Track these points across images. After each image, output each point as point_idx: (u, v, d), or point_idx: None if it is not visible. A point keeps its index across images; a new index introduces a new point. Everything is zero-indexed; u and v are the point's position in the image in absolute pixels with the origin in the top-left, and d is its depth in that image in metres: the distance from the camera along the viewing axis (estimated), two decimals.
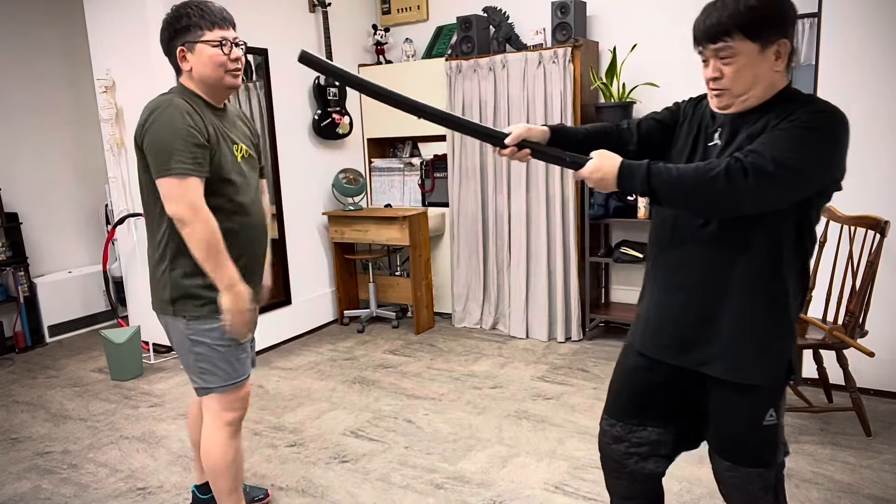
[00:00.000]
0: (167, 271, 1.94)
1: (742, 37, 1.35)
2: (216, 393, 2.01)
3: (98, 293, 4.99)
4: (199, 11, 1.85)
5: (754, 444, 1.55)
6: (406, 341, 4.39)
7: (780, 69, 1.41)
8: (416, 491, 2.54)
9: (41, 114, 4.81)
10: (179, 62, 1.90)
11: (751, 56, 1.37)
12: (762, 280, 1.47)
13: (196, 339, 1.96)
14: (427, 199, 4.83)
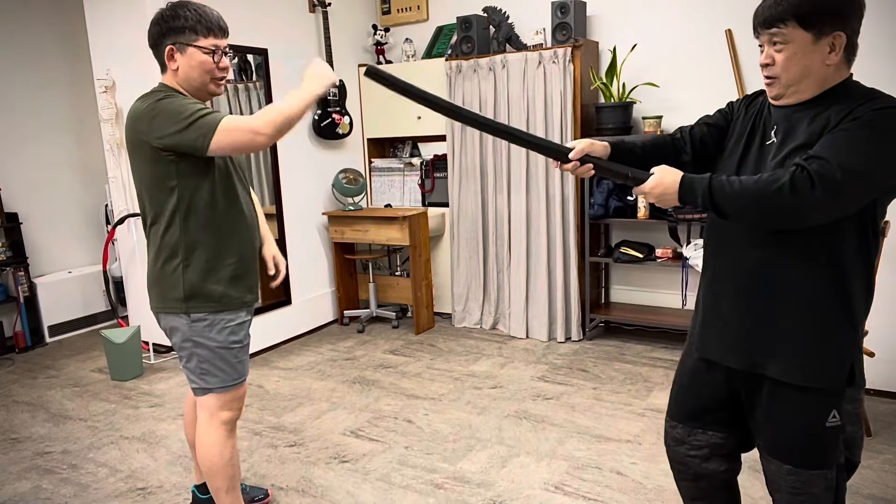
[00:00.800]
0: (180, 268, 1.91)
1: (796, 24, 1.34)
2: (214, 393, 2.01)
3: (98, 293, 4.99)
4: (197, 16, 1.86)
5: (817, 446, 1.51)
6: (406, 341, 4.39)
7: (833, 62, 1.37)
8: (416, 491, 2.54)
9: (41, 114, 4.81)
10: (166, 59, 1.91)
11: (803, 45, 1.35)
12: (822, 281, 1.43)
13: (198, 341, 1.95)
14: (427, 199, 4.83)
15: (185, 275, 1.91)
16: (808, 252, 1.43)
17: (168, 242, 1.91)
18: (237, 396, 2.06)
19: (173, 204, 1.87)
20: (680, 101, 4.01)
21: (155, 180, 1.87)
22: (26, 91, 4.72)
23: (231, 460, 2.07)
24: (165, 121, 1.78)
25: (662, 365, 3.73)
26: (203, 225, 1.90)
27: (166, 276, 1.93)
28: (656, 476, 2.56)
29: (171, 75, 1.92)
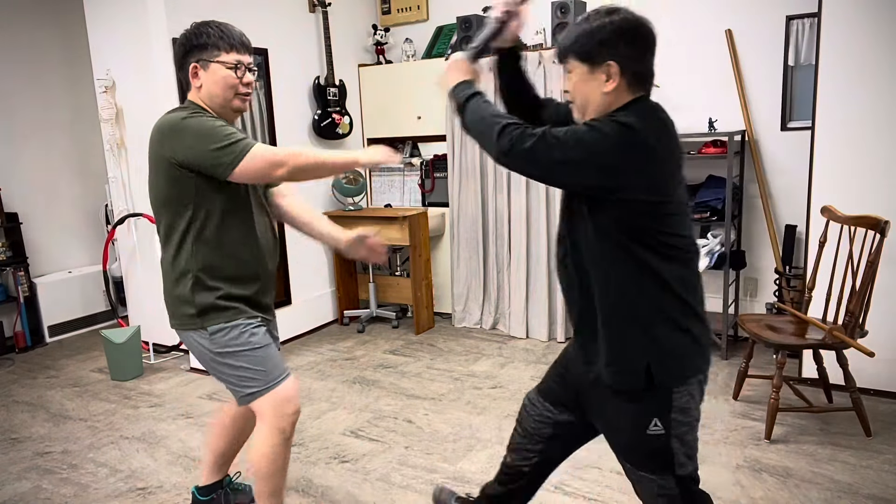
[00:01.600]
0: (189, 288, 1.91)
1: (574, 57, 1.51)
2: (263, 396, 1.96)
3: (98, 293, 4.99)
4: (220, 32, 1.88)
5: (641, 451, 1.56)
6: (406, 341, 4.39)
7: (609, 89, 1.48)
8: (416, 491, 2.54)
9: (41, 114, 4.81)
10: (191, 77, 1.90)
11: (582, 75, 1.51)
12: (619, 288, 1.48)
13: (223, 352, 1.93)
14: (427, 199, 4.83)
15: (196, 295, 1.90)
16: (607, 261, 1.48)
17: (179, 261, 1.91)
18: (287, 397, 1.99)
19: (186, 222, 1.87)
20: (680, 101, 4.01)
21: (171, 198, 1.87)
22: (26, 91, 4.72)
23: (283, 468, 2.03)
24: (194, 138, 1.78)
25: None
26: (215, 246, 1.90)
27: (178, 294, 1.93)
28: None
29: (195, 93, 1.92)
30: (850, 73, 3.02)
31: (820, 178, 3.16)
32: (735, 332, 4.06)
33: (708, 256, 3.73)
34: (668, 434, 1.52)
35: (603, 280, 1.49)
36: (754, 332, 2.87)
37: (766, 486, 2.46)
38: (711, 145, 3.75)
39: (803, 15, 3.65)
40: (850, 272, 2.77)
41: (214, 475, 2.35)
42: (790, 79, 3.77)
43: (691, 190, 3.92)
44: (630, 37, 1.49)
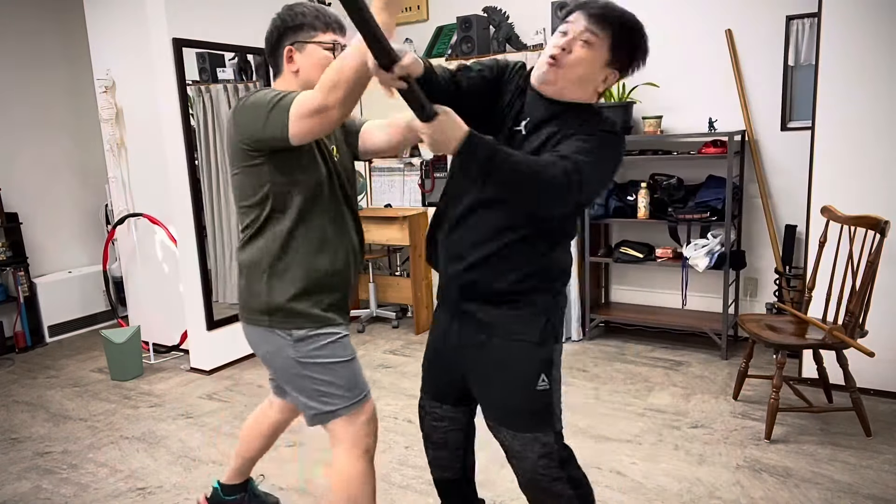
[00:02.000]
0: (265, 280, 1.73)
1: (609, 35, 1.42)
2: (343, 417, 1.77)
3: (98, 293, 4.99)
4: (315, 11, 1.74)
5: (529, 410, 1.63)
6: (406, 341, 4.39)
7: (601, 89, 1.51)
8: (416, 491, 2.54)
9: (41, 114, 4.81)
10: (286, 62, 1.74)
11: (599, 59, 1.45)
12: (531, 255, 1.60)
13: (306, 361, 1.74)
14: (427, 199, 4.83)
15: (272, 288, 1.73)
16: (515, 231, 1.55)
17: (256, 254, 1.74)
18: (369, 417, 1.83)
19: (264, 211, 1.71)
20: (680, 101, 4.01)
21: (246, 186, 1.72)
22: (26, 91, 4.72)
23: (373, 491, 1.84)
24: (250, 113, 1.62)
25: (662, 365, 3.73)
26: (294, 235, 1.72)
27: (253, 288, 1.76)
28: (656, 476, 2.56)
29: (289, 78, 1.75)
30: (849, 73, 3.02)
31: (820, 178, 3.16)
32: (735, 332, 4.07)
33: (708, 256, 3.73)
34: (551, 389, 1.62)
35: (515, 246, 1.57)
36: (754, 332, 2.87)
37: (766, 486, 2.46)
38: (711, 145, 3.75)
39: (803, 15, 3.65)
40: (850, 272, 2.77)
41: (240, 477, 2.31)
42: (790, 79, 3.77)
43: (691, 190, 3.93)
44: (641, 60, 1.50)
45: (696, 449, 2.75)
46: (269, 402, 2.21)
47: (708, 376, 3.53)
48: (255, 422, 2.24)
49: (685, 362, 3.75)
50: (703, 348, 3.95)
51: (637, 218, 3.97)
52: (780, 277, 3.77)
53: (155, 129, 3.89)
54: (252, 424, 2.24)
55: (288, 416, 2.21)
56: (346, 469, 1.79)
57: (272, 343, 1.76)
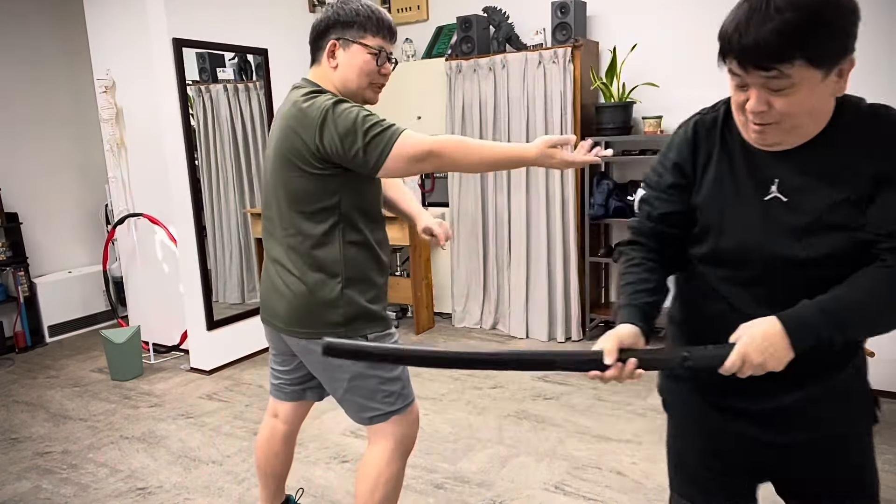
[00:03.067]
0: (339, 289, 1.71)
1: (804, 63, 0.99)
2: (397, 415, 1.80)
3: (98, 293, 4.99)
4: (369, 12, 1.70)
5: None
6: (406, 341, 4.39)
7: (842, 91, 1.07)
8: (416, 491, 2.54)
9: (41, 114, 4.81)
10: (327, 55, 1.71)
11: (811, 85, 1.02)
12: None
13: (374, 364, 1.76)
14: (427, 199, 4.83)
15: (346, 296, 1.71)
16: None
17: (324, 262, 1.70)
18: (415, 418, 1.87)
19: (333, 219, 1.68)
20: (680, 101, 4.01)
21: (312, 192, 1.66)
22: (26, 91, 4.72)
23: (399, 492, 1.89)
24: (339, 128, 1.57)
25: None
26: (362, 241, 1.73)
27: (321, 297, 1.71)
28: (656, 476, 2.56)
29: (326, 73, 1.72)
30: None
31: None
32: None
33: None
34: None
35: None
36: None
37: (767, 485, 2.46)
38: None
39: None
40: None
41: (276, 499, 2.17)
42: None
43: None
44: (857, 15, 1.02)
45: None
46: (273, 415, 2.08)
47: None
48: (266, 443, 2.10)
49: None
50: None
51: None
52: None
53: (155, 129, 3.89)
54: (265, 447, 2.10)
55: (295, 426, 2.10)
56: (384, 467, 1.81)
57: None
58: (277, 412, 2.06)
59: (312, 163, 1.63)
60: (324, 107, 1.59)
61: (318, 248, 1.70)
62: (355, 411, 1.82)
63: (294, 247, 1.72)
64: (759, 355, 1.06)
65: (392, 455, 1.81)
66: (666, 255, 1.31)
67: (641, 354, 1.17)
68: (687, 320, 1.37)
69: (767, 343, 1.06)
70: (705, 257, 1.25)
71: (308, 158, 1.62)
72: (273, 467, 2.11)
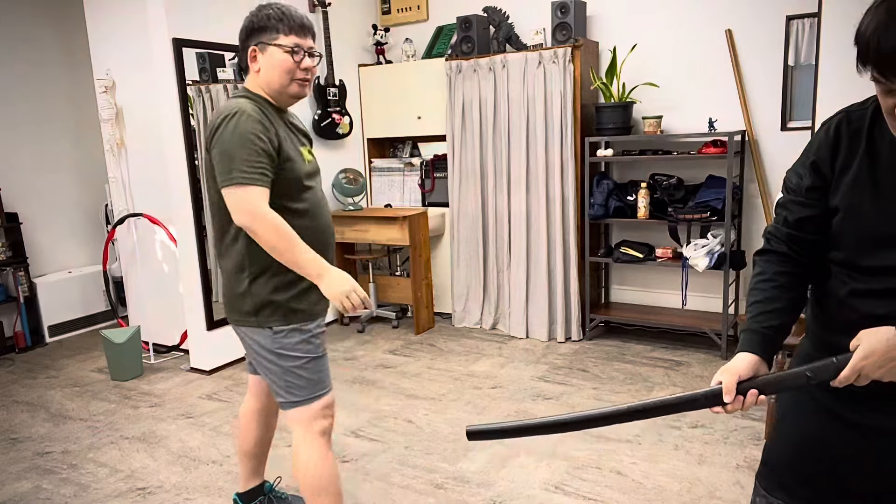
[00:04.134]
0: (248, 282, 1.87)
1: None
2: (302, 406, 1.92)
3: (98, 293, 4.99)
4: (279, 14, 1.81)
5: None
6: (406, 341, 4.39)
7: None
8: (416, 491, 2.54)
9: (41, 114, 4.81)
10: (249, 61, 1.86)
11: None
12: None
13: (283, 353, 1.89)
14: (427, 199, 4.83)
15: (252, 287, 1.86)
16: None
17: (234, 255, 1.88)
18: (328, 404, 1.97)
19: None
20: (680, 101, 4.01)
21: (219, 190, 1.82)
22: (26, 91, 4.72)
23: (336, 474, 1.97)
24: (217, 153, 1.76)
25: (662, 365, 3.73)
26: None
27: (237, 288, 1.89)
28: (656, 476, 2.56)
29: (253, 78, 1.88)
30: (850, 73, 3.01)
31: None
32: (735, 332, 4.07)
33: (708, 256, 3.73)
34: None
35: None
36: None
37: None
38: (711, 145, 3.75)
39: (803, 15, 3.65)
40: None
41: (252, 479, 2.31)
42: (790, 79, 3.77)
43: (691, 190, 3.93)
44: None
45: (696, 449, 2.76)
46: (249, 391, 2.27)
47: (708, 376, 3.53)
48: (241, 416, 2.29)
49: (685, 362, 3.75)
50: (703, 348, 3.95)
51: (637, 218, 3.97)
52: None
53: (155, 129, 3.89)
54: (240, 420, 2.29)
55: (266, 402, 2.24)
56: (304, 454, 1.94)
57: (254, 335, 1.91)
58: (251, 387, 2.25)
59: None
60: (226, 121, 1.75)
61: (232, 243, 1.88)
62: (276, 395, 1.96)
63: (219, 242, 1.92)
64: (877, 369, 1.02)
65: (307, 441, 1.93)
66: (802, 262, 1.25)
67: (761, 382, 1.15)
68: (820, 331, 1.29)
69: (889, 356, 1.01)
70: (842, 263, 1.19)
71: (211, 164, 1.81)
72: (246, 442, 2.27)
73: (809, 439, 1.29)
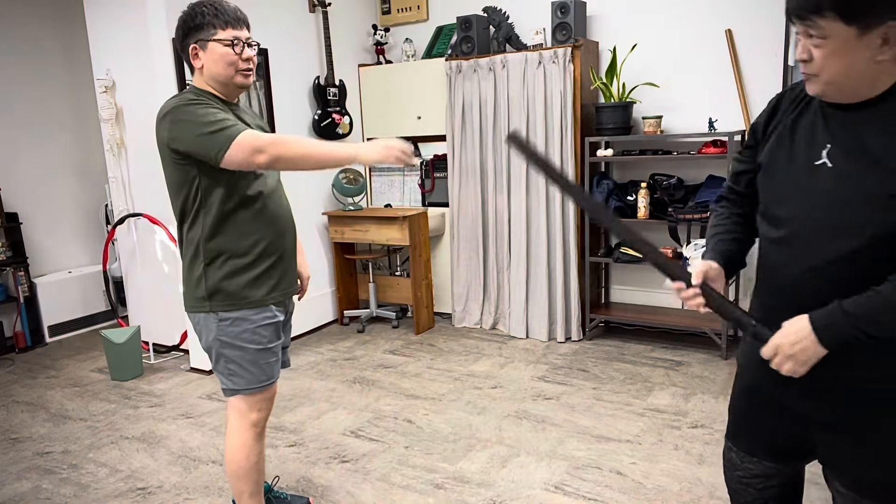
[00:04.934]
0: (202, 267, 1.91)
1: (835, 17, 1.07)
2: (242, 395, 1.99)
3: (98, 293, 4.99)
4: (213, 10, 1.85)
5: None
6: (406, 341, 4.39)
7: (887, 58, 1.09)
8: (416, 491, 2.54)
9: (41, 114, 4.81)
10: (192, 60, 1.89)
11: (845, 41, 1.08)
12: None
13: (226, 341, 1.94)
14: (427, 199, 4.83)
15: (207, 273, 1.90)
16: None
17: (191, 241, 1.92)
18: (266, 398, 2.04)
19: (193, 202, 1.87)
20: (680, 101, 4.01)
21: (177, 181, 1.88)
22: (26, 91, 4.72)
23: (257, 464, 2.05)
24: (186, 127, 1.78)
25: (662, 365, 3.73)
26: (222, 223, 1.89)
27: (191, 274, 1.94)
28: (656, 476, 2.56)
29: (198, 76, 1.92)
30: None
31: None
32: (735, 332, 4.07)
33: None
34: None
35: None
36: None
37: None
38: (711, 145, 3.75)
39: None
40: None
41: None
42: (790, 79, 3.77)
43: (691, 190, 3.93)
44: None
45: (696, 449, 2.76)
46: None
47: (708, 376, 3.53)
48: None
49: (685, 362, 3.75)
50: (703, 348, 3.95)
51: (637, 218, 3.97)
52: None
53: None
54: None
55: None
56: (234, 439, 2.02)
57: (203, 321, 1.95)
58: None
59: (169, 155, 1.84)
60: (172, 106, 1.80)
61: (189, 230, 1.91)
62: (220, 381, 2.01)
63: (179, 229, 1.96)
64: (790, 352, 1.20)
65: (240, 429, 2.01)
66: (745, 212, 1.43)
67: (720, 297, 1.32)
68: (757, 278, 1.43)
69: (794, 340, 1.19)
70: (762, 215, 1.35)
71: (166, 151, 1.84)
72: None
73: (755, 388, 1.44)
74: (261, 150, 1.73)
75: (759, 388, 1.43)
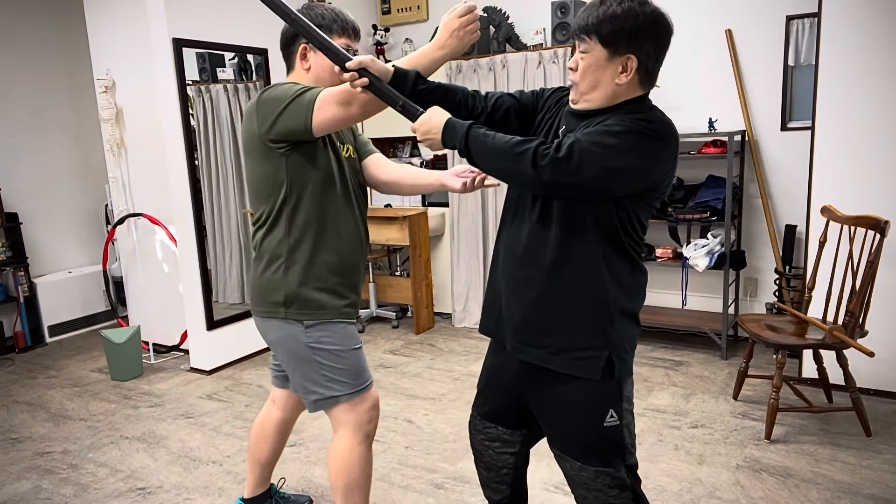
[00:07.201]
0: (281, 271, 1.81)
1: (597, 40, 1.42)
2: (345, 403, 1.86)
3: (98, 293, 4.99)
4: (334, 15, 1.81)
5: (597, 444, 1.56)
6: (406, 341, 4.39)
7: (622, 82, 1.43)
8: (416, 491, 2.54)
9: (41, 114, 4.81)
10: (299, 59, 1.83)
11: (599, 59, 1.43)
12: (585, 268, 1.49)
13: (316, 347, 1.82)
14: (427, 199, 4.83)
15: (287, 278, 1.80)
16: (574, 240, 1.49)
17: (271, 244, 1.82)
18: (372, 404, 1.92)
19: (280, 202, 1.78)
20: (680, 101, 4.01)
21: (264, 177, 1.79)
22: (26, 91, 4.72)
23: (370, 476, 1.95)
24: (271, 105, 1.70)
25: (662, 365, 3.72)
26: (308, 226, 1.80)
27: (268, 278, 1.83)
28: (656, 476, 2.56)
29: (301, 75, 1.85)
30: (850, 73, 3.02)
31: (820, 178, 3.16)
32: (735, 332, 4.07)
33: (708, 256, 3.73)
34: (621, 424, 1.56)
35: (573, 271, 1.50)
36: (754, 332, 2.87)
37: (766, 486, 2.46)
38: (711, 145, 3.75)
39: (803, 15, 3.65)
40: (850, 272, 2.77)
41: (261, 486, 2.28)
42: (790, 79, 3.77)
43: (691, 190, 3.93)
44: (655, 34, 1.42)
45: (696, 449, 2.76)
46: (272, 401, 2.22)
47: (708, 376, 3.53)
48: (259, 425, 2.24)
49: (685, 362, 3.75)
50: (703, 348, 3.95)
51: None
52: (780, 277, 3.77)
53: (155, 129, 3.89)
54: (258, 428, 2.24)
55: (291, 414, 2.21)
56: (345, 453, 1.89)
57: (283, 329, 1.84)
58: (275, 398, 2.21)
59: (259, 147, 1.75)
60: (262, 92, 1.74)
61: (269, 231, 1.83)
62: (302, 393, 1.89)
63: (256, 232, 1.87)
64: (426, 129, 1.51)
65: (352, 443, 1.89)
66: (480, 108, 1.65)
67: (375, 79, 1.53)
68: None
69: (430, 125, 1.50)
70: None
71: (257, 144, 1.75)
72: (261, 452, 2.23)
73: (492, 367, 1.77)
74: (349, 101, 1.61)
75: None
